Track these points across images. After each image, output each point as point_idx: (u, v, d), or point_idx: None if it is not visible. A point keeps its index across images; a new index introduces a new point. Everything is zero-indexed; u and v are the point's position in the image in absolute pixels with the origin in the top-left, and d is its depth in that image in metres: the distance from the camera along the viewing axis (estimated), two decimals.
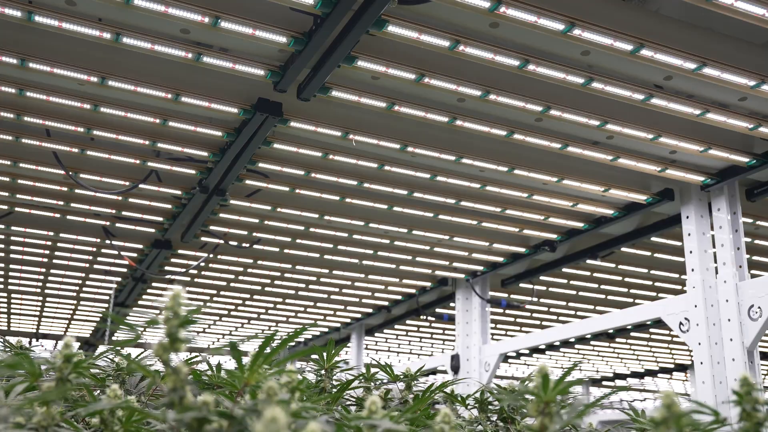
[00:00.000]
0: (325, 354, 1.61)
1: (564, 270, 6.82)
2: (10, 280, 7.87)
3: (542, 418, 1.16)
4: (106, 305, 8.81)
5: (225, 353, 1.09)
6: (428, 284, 7.43)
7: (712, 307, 4.49)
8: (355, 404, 1.65)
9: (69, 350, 1.28)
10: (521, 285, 7.25)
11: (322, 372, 1.62)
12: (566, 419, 1.19)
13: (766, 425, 1.04)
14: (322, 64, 3.29)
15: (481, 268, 6.73)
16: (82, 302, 8.87)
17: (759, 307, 4.23)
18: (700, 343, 4.45)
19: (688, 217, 4.80)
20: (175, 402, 1.00)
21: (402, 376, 1.72)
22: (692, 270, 4.67)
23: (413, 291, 7.72)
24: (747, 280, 4.39)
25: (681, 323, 4.67)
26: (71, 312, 9.53)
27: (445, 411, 1.36)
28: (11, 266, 7.25)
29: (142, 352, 1.44)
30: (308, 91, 3.51)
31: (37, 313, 9.76)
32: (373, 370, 1.71)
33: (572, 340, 10.14)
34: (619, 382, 14.48)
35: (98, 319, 9.86)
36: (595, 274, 7.07)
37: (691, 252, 4.71)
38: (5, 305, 9.21)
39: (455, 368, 6.95)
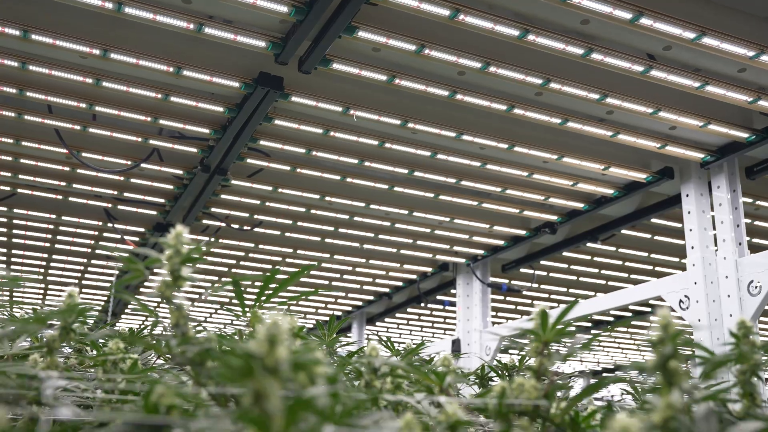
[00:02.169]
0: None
1: (564, 254, 6.84)
2: (12, 267, 7.89)
3: (540, 358, 1.18)
4: (108, 293, 8.83)
5: (227, 290, 1.10)
6: (429, 269, 7.45)
7: (711, 284, 4.50)
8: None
9: (72, 300, 1.30)
10: (522, 270, 7.27)
11: (323, 347, 1.63)
12: (564, 354, 1.20)
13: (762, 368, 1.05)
14: (323, 34, 3.31)
15: (481, 252, 6.75)
16: (84, 289, 8.90)
17: (759, 283, 4.24)
18: (699, 320, 4.46)
19: (687, 196, 4.81)
20: (177, 337, 1.02)
21: (403, 352, 1.75)
22: (692, 248, 4.69)
23: (414, 277, 7.75)
24: (746, 256, 4.41)
25: (681, 301, 4.68)
26: None
27: (445, 355, 1.38)
28: (13, 251, 7.27)
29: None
30: (309, 63, 3.53)
31: (39, 302, 9.79)
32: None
33: (572, 329, 10.15)
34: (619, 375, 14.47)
35: (99, 307, 9.87)
36: (595, 258, 7.08)
37: (690, 230, 4.73)
38: (8, 292, 9.23)
39: (456, 353, 6.98)
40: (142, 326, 1.69)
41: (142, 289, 8.13)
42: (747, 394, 1.06)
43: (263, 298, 1.28)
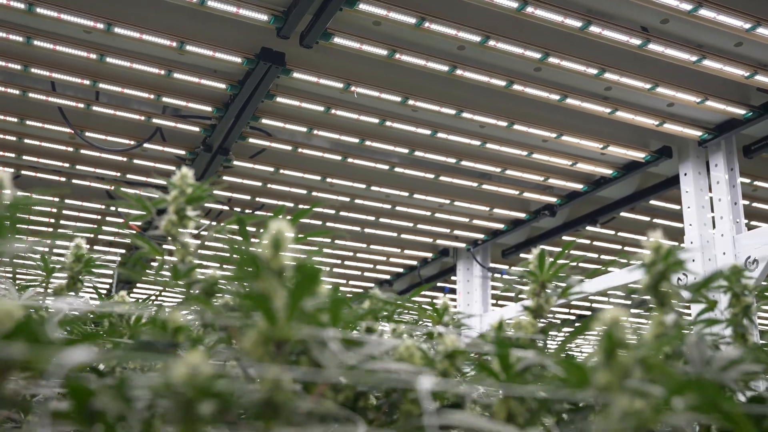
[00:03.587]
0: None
1: (564, 239, 6.88)
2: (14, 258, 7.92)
3: (538, 299, 1.22)
4: (110, 281, 8.87)
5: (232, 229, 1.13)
6: (430, 255, 7.49)
7: (709, 261, 4.55)
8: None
9: (79, 250, 1.34)
10: (522, 255, 7.32)
11: None
12: (562, 290, 1.24)
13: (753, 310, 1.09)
14: (325, 6, 3.35)
15: (481, 236, 6.80)
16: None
17: (756, 259, 4.29)
18: None
19: (686, 175, 4.86)
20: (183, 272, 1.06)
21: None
22: (690, 225, 4.74)
23: (414, 263, 7.79)
24: (744, 233, 4.46)
25: (678, 278, 4.72)
26: None
27: (444, 301, 1.42)
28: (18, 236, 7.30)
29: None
30: (311, 36, 3.57)
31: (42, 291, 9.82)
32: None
33: (572, 318, 10.22)
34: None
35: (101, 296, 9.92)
36: (594, 243, 7.12)
37: (689, 207, 4.78)
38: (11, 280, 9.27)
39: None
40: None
41: (143, 279, 8.16)
42: (739, 336, 1.10)
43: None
